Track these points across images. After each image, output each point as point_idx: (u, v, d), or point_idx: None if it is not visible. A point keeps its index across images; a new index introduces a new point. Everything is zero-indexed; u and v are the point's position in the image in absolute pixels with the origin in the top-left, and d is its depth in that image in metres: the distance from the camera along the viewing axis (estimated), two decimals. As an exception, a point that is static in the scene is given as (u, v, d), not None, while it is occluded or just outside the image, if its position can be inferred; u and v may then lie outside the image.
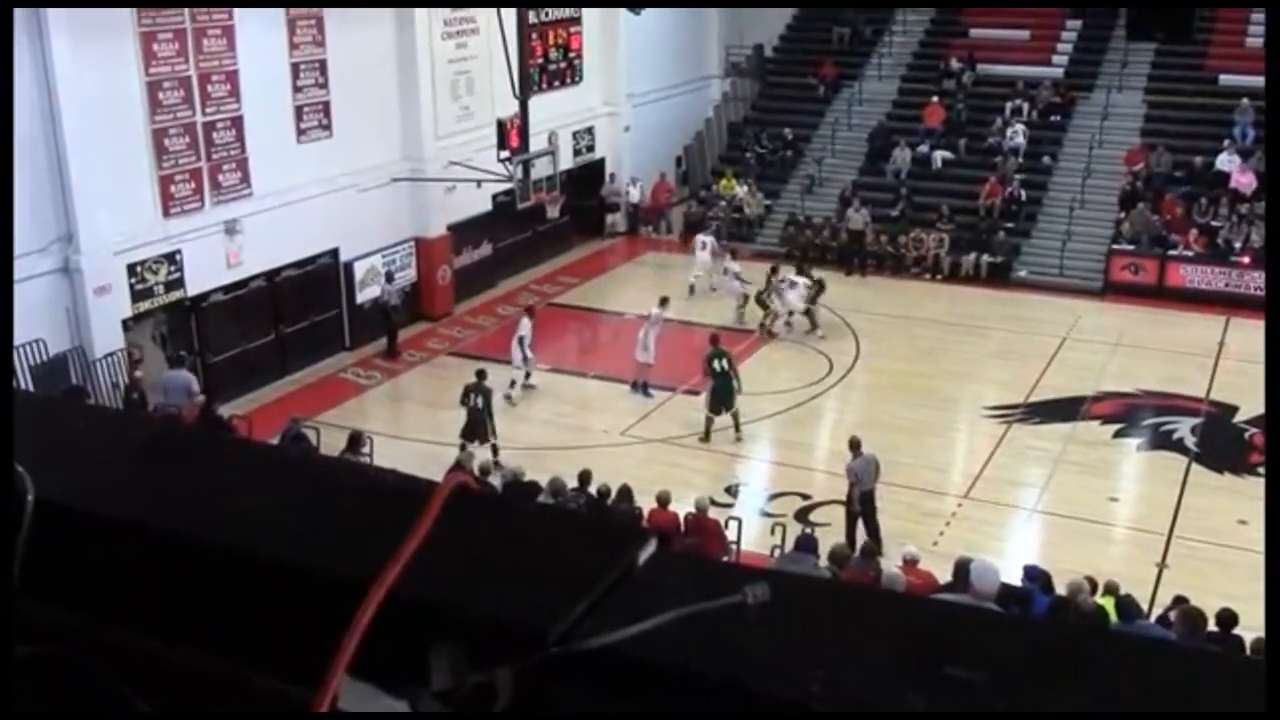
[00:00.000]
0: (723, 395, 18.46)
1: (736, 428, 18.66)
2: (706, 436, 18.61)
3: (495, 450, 17.52)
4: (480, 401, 17.57)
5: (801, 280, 23.19)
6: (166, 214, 19.38)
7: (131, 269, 18.82)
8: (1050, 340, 22.97)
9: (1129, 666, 1.28)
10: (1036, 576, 12.53)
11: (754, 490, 17.39)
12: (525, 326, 20.43)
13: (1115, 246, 26.59)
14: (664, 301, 21.30)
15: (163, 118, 19.09)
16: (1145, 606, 12.45)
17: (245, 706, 1.41)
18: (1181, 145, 28.12)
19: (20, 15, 16.84)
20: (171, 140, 19.27)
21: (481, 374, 18.03)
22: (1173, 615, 11.54)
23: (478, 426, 17.50)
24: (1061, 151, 29.39)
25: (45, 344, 17.45)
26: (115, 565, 1.53)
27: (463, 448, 16.97)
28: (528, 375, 20.49)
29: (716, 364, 18.56)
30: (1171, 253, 26.07)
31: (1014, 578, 12.38)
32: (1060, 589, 12.09)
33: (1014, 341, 23.17)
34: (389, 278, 23.18)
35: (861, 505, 15.37)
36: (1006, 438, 18.96)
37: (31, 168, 17.31)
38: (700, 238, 26.45)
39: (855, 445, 15.68)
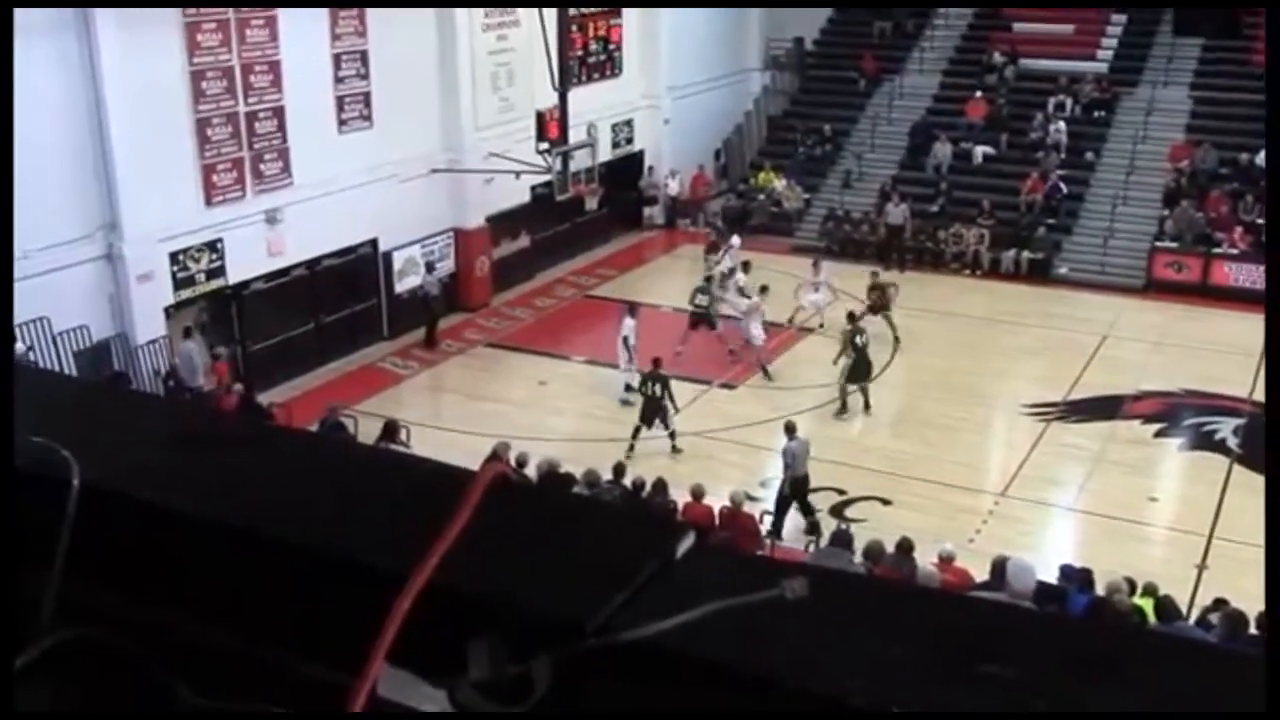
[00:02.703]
0: (861, 370, 19.36)
1: (866, 404, 19.51)
2: (844, 408, 19.47)
3: (672, 435, 18.05)
4: (658, 389, 18.03)
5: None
6: (209, 203, 19.56)
7: (174, 257, 19.01)
8: (1091, 338, 22.76)
9: (1167, 667, 1.27)
10: (1073, 576, 12.44)
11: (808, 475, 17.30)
12: (629, 325, 20.10)
13: (1158, 244, 26.30)
14: (764, 290, 21.77)
15: (206, 107, 19.26)
16: (1184, 608, 12.32)
17: (286, 692, 1.42)
18: (1227, 141, 27.75)
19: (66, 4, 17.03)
20: (214, 130, 19.44)
21: (658, 362, 18.44)
22: (1213, 617, 11.42)
23: (652, 412, 18.05)
24: (1104, 147, 29.08)
25: (89, 330, 17.66)
26: (157, 550, 1.55)
27: (637, 431, 17.94)
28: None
29: (859, 339, 19.42)
30: (1216, 250, 25.76)
31: (1051, 577, 12.29)
32: (1098, 589, 11.99)
33: (1054, 339, 22.97)
34: (429, 268, 23.29)
35: (795, 489, 15.48)
36: (1045, 435, 18.81)
37: (76, 156, 17.53)
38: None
39: (790, 429, 15.90)
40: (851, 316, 20.24)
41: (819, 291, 23.16)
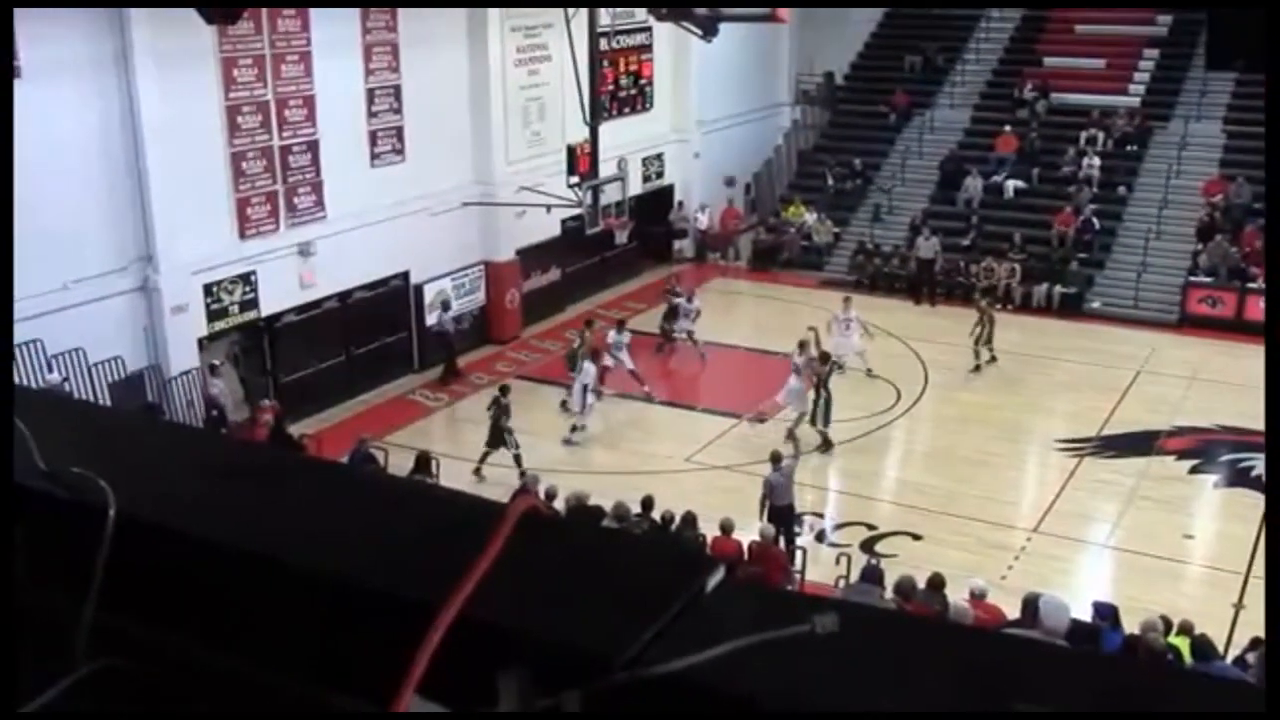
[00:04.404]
0: (828, 409, 19.18)
1: (816, 443, 19.20)
2: (828, 445, 19.24)
3: (517, 460, 17.97)
4: (501, 417, 18.23)
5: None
6: (243, 236, 19.75)
7: (208, 289, 19.19)
8: (1124, 373, 22.58)
9: (1199, 706, 1.26)
10: (1107, 613, 12.29)
11: (818, 520, 17.25)
12: (590, 372, 20.04)
13: (1192, 279, 26.12)
14: (803, 346, 20.14)
15: (241, 141, 19.48)
16: (1221, 648, 12.14)
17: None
18: (1262, 176, 27.54)
19: (105, 41, 17.30)
20: (249, 163, 19.66)
21: (504, 390, 18.80)
22: (1250, 657, 11.25)
23: (496, 436, 18.21)
24: (1137, 181, 28.95)
25: (123, 361, 17.82)
26: (189, 579, 1.56)
27: (485, 456, 18.17)
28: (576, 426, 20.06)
29: (828, 382, 19.30)
30: (1250, 286, 25.54)
31: (1084, 615, 12.15)
32: (1132, 627, 11.83)
33: (1086, 373, 22.79)
34: (444, 305, 23.19)
35: (782, 518, 15.41)
36: (1078, 471, 18.64)
37: (113, 190, 17.76)
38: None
39: (775, 459, 15.88)
40: (825, 358, 19.57)
41: (850, 330, 21.91)
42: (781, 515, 15.53)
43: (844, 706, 1.20)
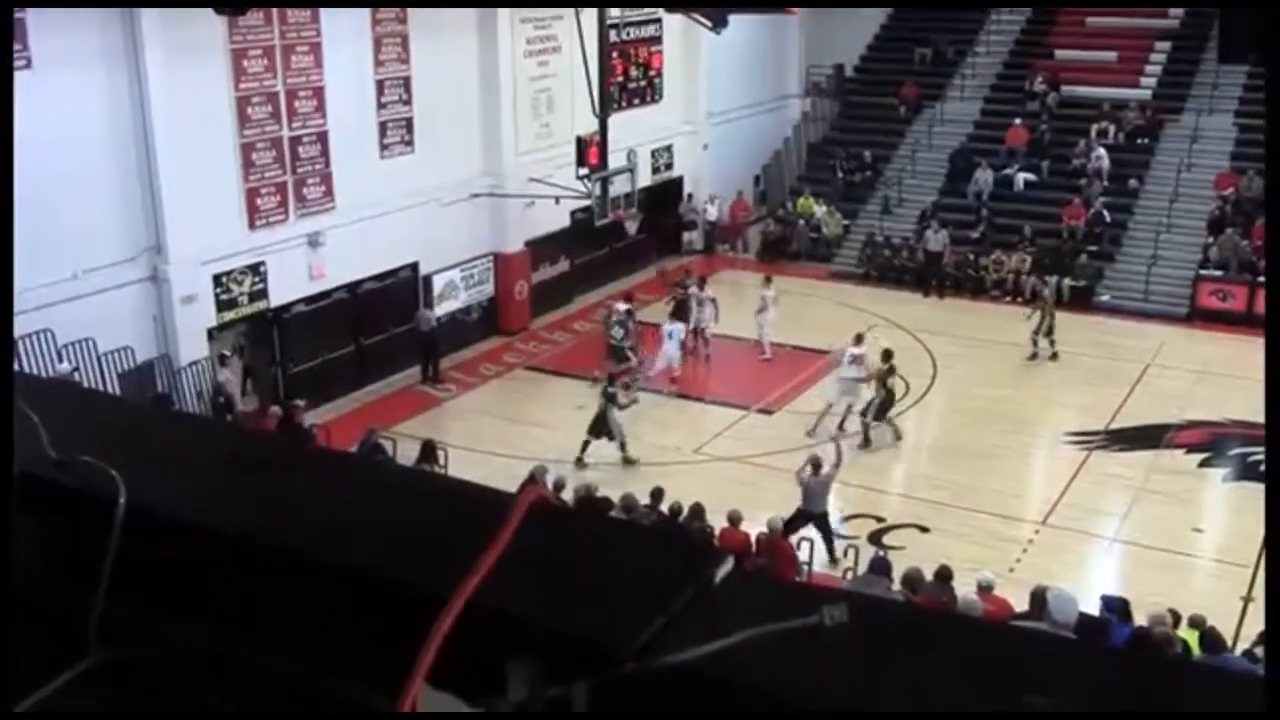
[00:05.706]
0: (886, 407, 19.21)
1: (898, 434, 19.47)
2: (866, 442, 19.06)
3: (623, 447, 18.28)
4: (602, 402, 18.36)
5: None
6: (252, 226, 19.77)
7: (217, 279, 19.21)
8: (1134, 366, 22.52)
9: (1210, 700, 1.26)
10: (1115, 606, 12.27)
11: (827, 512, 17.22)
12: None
13: (1203, 272, 26.03)
14: (860, 339, 20.11)
15: (251, 132, 19.50)
16: (1230, 641, 12.12)
17: (326, 712, 1.43)
18: (1274, 169, 27.43)
19: (115, 32, 17.32)
20: (259, 154, 19.67)
21: (612, 378, 18.96)
22: (1259, 651, 11.23)
23: (598, 426, 18.32)
24: (1148, 174, 28.85)
25: (133, 351, 17.86)
26: (198, 569, 1.56)
27: (586, 444, 18.23)
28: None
29: (889, 380, 19.25)
30: (1262, 279, 25.44)
31: (1092, 607, 12.14)
32: (1141, 620, 11.82)
33: (1096, 367, 22.73)
34: (427, 303, 22.92)
35: (811, 521, 15.35)
36: (1087, 464, 18.61)
37: (123, 180, 17.80)
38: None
39: (816, 464, 15.76)
40: (888, 355, 19.56)
41: (766, 308, 22.98)
42: (816, 522, 15.44)
43: (852, 698, 1.20)
